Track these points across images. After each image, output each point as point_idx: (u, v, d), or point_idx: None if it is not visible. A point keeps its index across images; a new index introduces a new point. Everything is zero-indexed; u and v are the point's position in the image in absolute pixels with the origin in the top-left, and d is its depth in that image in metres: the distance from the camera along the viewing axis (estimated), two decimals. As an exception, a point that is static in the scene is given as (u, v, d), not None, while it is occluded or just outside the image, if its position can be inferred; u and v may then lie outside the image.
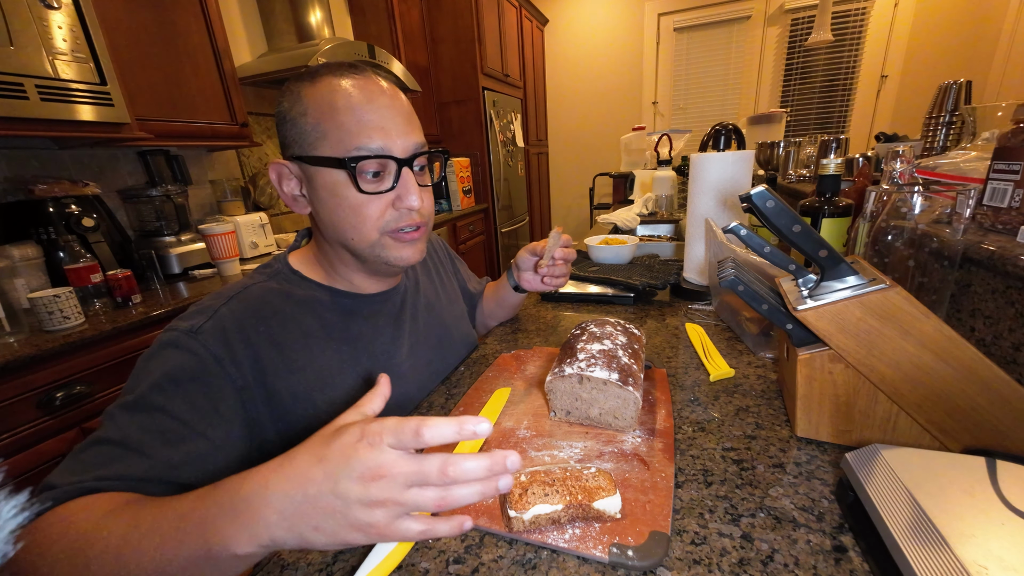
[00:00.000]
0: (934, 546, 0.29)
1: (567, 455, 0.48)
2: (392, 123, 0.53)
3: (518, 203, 3.67)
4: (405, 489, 0.29)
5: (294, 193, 0.57)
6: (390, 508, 0.29)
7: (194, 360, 0.48)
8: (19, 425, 0.96)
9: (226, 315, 0.52)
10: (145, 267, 1.45)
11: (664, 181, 1.71)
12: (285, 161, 0.56)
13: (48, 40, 1.09)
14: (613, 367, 0.51)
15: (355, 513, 0.29)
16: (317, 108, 0.52)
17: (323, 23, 2.05)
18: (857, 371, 0.45)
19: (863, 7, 3.39)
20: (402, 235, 0.57)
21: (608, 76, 4.29)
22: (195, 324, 0.50)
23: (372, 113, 0.52)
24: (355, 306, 0.63)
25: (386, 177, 0.55)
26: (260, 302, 0.55)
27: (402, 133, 0.54)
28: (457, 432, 0.30)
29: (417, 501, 0.30)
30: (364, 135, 0.52)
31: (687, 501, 0.42)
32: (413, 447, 0.30)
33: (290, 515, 0.29)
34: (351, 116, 0.51)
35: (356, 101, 0.52)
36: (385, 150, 0.53)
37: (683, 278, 0.98)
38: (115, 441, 0.43)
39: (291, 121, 0.53)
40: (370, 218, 0.54)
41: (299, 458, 0.31)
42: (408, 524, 0.30)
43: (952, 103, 1.10)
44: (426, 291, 0.76)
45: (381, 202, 0.55)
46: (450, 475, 0.29)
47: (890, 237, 0.58)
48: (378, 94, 0.53)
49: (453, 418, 0.30)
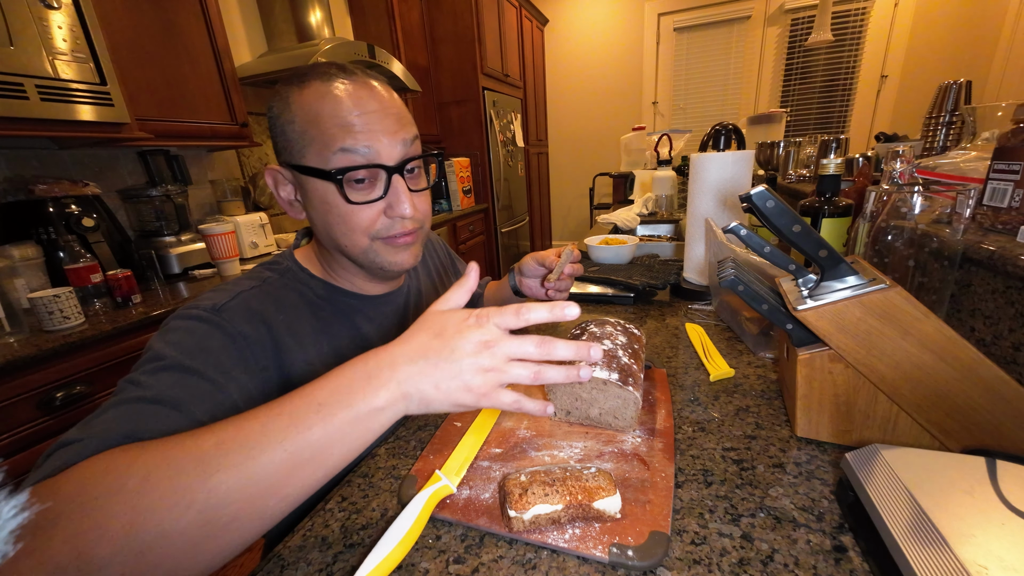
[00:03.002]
0: (934, 546, 0.29)
1: (567, 455, 0.48)
2: (380, 124, 0.51)
3: (518, 203, 3.67)
4: (507, 361, 0.36)
5: (289, 199, 0.57)
6: (493, 374, 0.36)
7: (221, 332, 0.47)
8: (19, 425, 0.96)
9: (250, 297, 0.52)
10: (145, 267, 1.45)
11: (664, 181, 1.71)
12: (279, 167, 0.55)
13: (48, 40, 1.09)
14: (613, 367, 0.51)
15: (466, 376, 0.36)
16: (304, 115, 0.50)
17: (323, 23, 2.05)
18: (857, 371, 0.45)
19: (863, 7, 3.39)
20: (395, 240, 0.56)
21: (608, 76, 4.29)
22: (218, 302, 0.50)
23: (359, 116, 0.50)
24: (360, 306, 0.63)
25: (376, 185, 0.53)
26: (279, 294, 0.56)
27: (391, 132, 0.52)
28: (550, 314, 0.37)
29: (516, 373, 0.37)
30: (349, 137, 0.50)
31: (687, 501, 0.42)
32: (514, 326, 0.37)
33: (415, 375, 0.36)
34: (336, 122, 0.50)
35: (343, 106, 0.50)
36: (372, 156, 0.51)
37: (683, 278, 0.98)
38: (148, 399, 0.39)
39: (280, 128, 0.52)
40: (360, 226, 0.54)
41: (417, 336, 0.38)
42: (505, 393, 0.37)
43: (952, 103, 1.10)
44: (428, 293, 0.77)
45: (372, 210, 0.53)
46: (545, 351, 0.37)
47: (890, 237, 0.58)
48: (366, 96, 0.51)
49: (546, 303, 0.38)
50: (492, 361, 0.36)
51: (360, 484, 0.49)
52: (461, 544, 0.39)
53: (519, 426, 0.54)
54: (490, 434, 0.52)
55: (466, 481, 0.45)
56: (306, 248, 0.65)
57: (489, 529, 0.40)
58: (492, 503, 0.42)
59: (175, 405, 0.40)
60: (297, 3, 1.99)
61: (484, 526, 0.40)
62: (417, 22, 2.78)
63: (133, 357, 1.15)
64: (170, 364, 0.42)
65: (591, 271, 1.07)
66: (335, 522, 0.44)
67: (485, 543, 0.39)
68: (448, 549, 0.39)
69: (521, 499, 0.38)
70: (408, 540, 0.38)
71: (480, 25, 2.86)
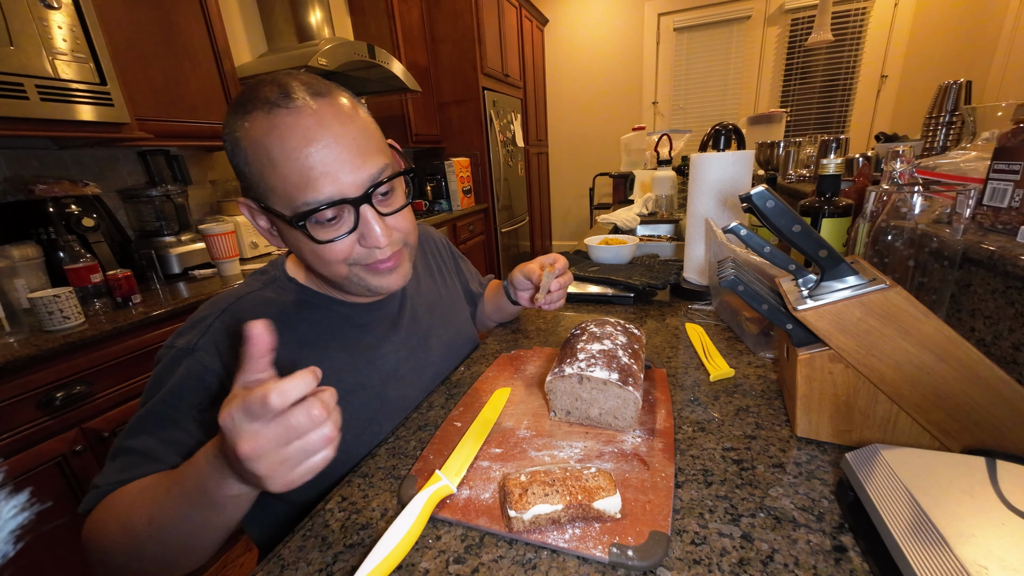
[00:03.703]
0: (934, 546, 0.29)
1: (567, 455, 0.48)
2: (337, 163, 0.47)
3: (518, 203, 3.67)
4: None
5: (266, 228, 0.55)
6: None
7: (195, 376, 0.50)
8: (19, 425, 0.96)
9: (219, 330, 0.52)
10: (145, 267, 1.45)
11: (664, 181, 1.71)
12: (248, 200, 0.52)
13: (48, 40, 1.09)
14: (613, 367, 0.51)
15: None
16: (255, 158, 0.47)
17: (323, 23, 2.05)
18: (857, 371, 0.45)
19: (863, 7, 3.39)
20: (375, 267, 0.54)
21: (608, 76, 4.29)
22: (191, 341, 0.51)
23: (313, 157, 0.46)
24: (351, 313, 0.62)
25: (345, 218, 0.50)
26: (254, 314, 0.53)
27: (354, 168, 0.48)
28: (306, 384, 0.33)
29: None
30: (310, 188, 0.46)
31: (687, 501, 0.42)
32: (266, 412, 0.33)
33: (231, 474, 0.36)
34: (290, 166, 0.46)
35: (292, 146, 0.45)
36: (336, 196, 0.47)
37: (683, 278, 0.98)
38: (137, 451, 0.48)
39: (237, 167, 0.50)
40: (336, 259, 0.52)
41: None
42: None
43: (952, 103, 1.10)
44: (427, 291, 0.76)
45: (345, 244, 0.51)
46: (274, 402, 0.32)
47: (890, 237, 0.58)
48: (315, 129, 0.46)
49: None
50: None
51: (360, 484, 0.49)
52: (461, 544, 0.39)
53: (519, 426, 0.54)
54: (490, 434, 0.53)
55: (466, 481, 0.45)
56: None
57: (489, 529, 0.40)
58: (492, 503, 0.42)
59: (156, 459, 0.47)
60: (297, 3, 1.99)
61: (484, 526, 0.40)
62: (417, 22, 2.78)
63: (133, 357, 1.15)
64: (152, 414, 0.49)
65: (591, 271, 1.07)
66: (335, 522, 0.44)
67: (485, 543, 0.39)
68: (448, 549, 0.39)
69: (521, 499, 0.38)
70: (408, 540, 0.38)
71: (480, 25, 2.86)
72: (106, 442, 1.10)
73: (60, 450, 1.02)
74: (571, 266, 1.13)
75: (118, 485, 0.46)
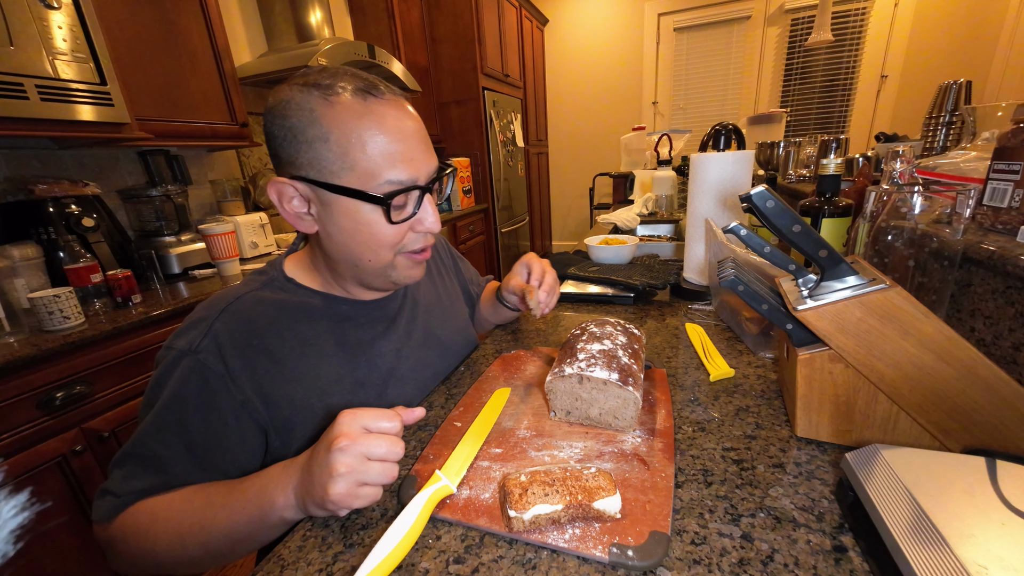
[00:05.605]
0: (934, 546, 0.29)
1: (567, 455, 0.48)
2: (418, 152, 0.53)
3: (518, 203, 3.67)
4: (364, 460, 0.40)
5: (298, 212, 0.53)
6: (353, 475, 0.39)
7: (198, 378, 0.50)
8: (19, 425, 0.96)
9: (220, 330, 0.52)
10: (145, 267, 1.45)
11: (664, 181, 1.71)
12: (290, 181, 0.51)
13: (48, 40, 1.09)
14: (613, 367, 0.51)
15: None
16: (343, 136, 0.49)
17: (323, 23, 2.05)
18: (857, 371, 0.45)
19: (863, 7, 3.39)
20: (415, 256, 0.58)
21: (608, 76, 4.29)
22: (192, 342, 0.51)
23: (402, 144, 0.51)
24: (352, 312, 0.62)
25: (409, 204, 0.54)
26: (253, 313, 0.55)
27: (428, 159, 0.54)
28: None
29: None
30: (396, 168, 0.51)
31: (687, 501, 0.42)
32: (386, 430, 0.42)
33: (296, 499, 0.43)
34: (382, 149, 0.50)
35: (389, 127, 0.50)
36: (412, 181, 0.52)
37: (683, 278, 0.98)
38: (146, 458, 0.49)
39: (306, 143, 0.49)
40: (390, 242, 0.54)
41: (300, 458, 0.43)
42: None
43: (952, 103, 1.10)
44: (427, 292, 0.76)
45: (404, 227, 0.55)
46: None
47: (890, 237, 0.58)
48: (406, 121, 0.52)
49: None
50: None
51: (360, 484, 0.49)
52: (461, 544, 0.39)
53: (519, 426, 0.54)
54: (490, 434, 0.53)
55: (466, 481, 0.45)
56: (300, 254, 0.64)
57: (489, 529, 0.40)
58: (492, 503, 0.42)
59: (165, 463, 0.49)
60: (297, 3, 1.99)
61: (484, 526, 0.40)
62: (417, 22, 2.78)
63: (133, 357, 1.15)
64: (157, 420, 0.50)
65: (591, 271, 1.07)
66: (335, 522, 0.44)
67: (485, 543, 0.39)
68: (448, 549, 0.39)
69: (521, 499, 0.38)
70: (408, 540, 0.38)
71: (480, 25, 2.86)
72: (106, 442, 1.10)
73: (60, 450, 1.02)
74: (571, 266, 1.13)
75: (140, 495, 0.49)
